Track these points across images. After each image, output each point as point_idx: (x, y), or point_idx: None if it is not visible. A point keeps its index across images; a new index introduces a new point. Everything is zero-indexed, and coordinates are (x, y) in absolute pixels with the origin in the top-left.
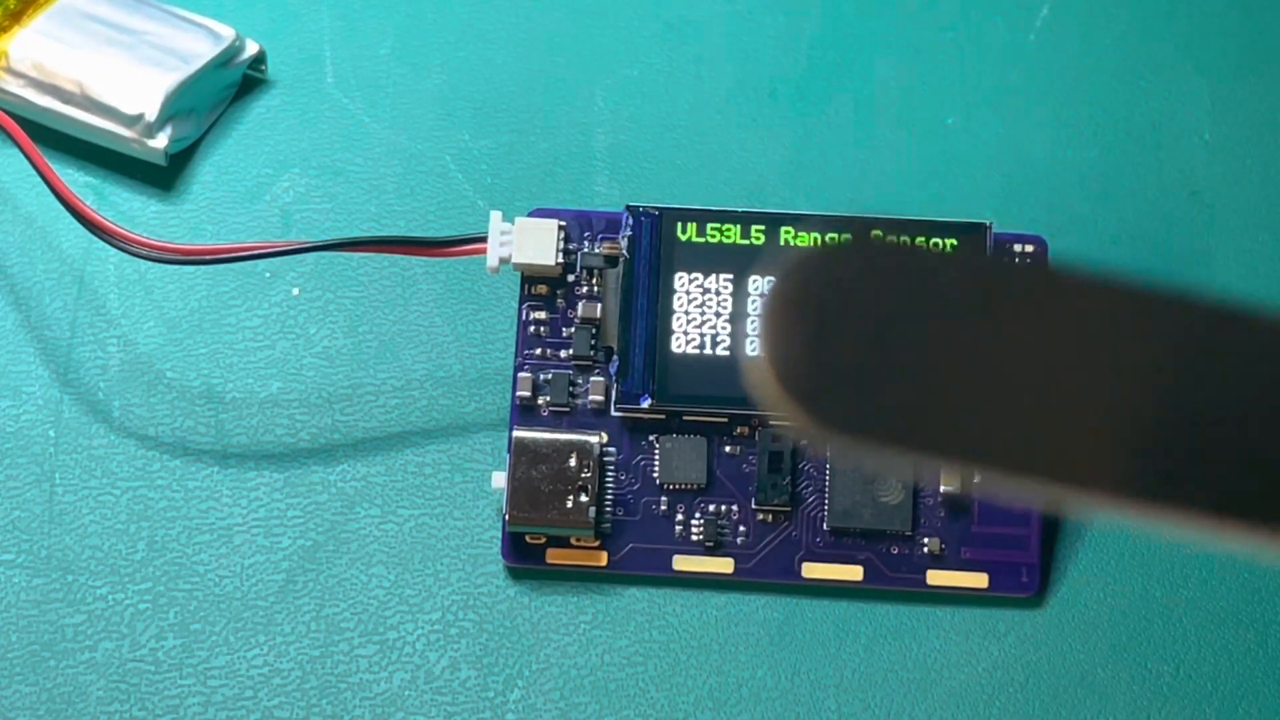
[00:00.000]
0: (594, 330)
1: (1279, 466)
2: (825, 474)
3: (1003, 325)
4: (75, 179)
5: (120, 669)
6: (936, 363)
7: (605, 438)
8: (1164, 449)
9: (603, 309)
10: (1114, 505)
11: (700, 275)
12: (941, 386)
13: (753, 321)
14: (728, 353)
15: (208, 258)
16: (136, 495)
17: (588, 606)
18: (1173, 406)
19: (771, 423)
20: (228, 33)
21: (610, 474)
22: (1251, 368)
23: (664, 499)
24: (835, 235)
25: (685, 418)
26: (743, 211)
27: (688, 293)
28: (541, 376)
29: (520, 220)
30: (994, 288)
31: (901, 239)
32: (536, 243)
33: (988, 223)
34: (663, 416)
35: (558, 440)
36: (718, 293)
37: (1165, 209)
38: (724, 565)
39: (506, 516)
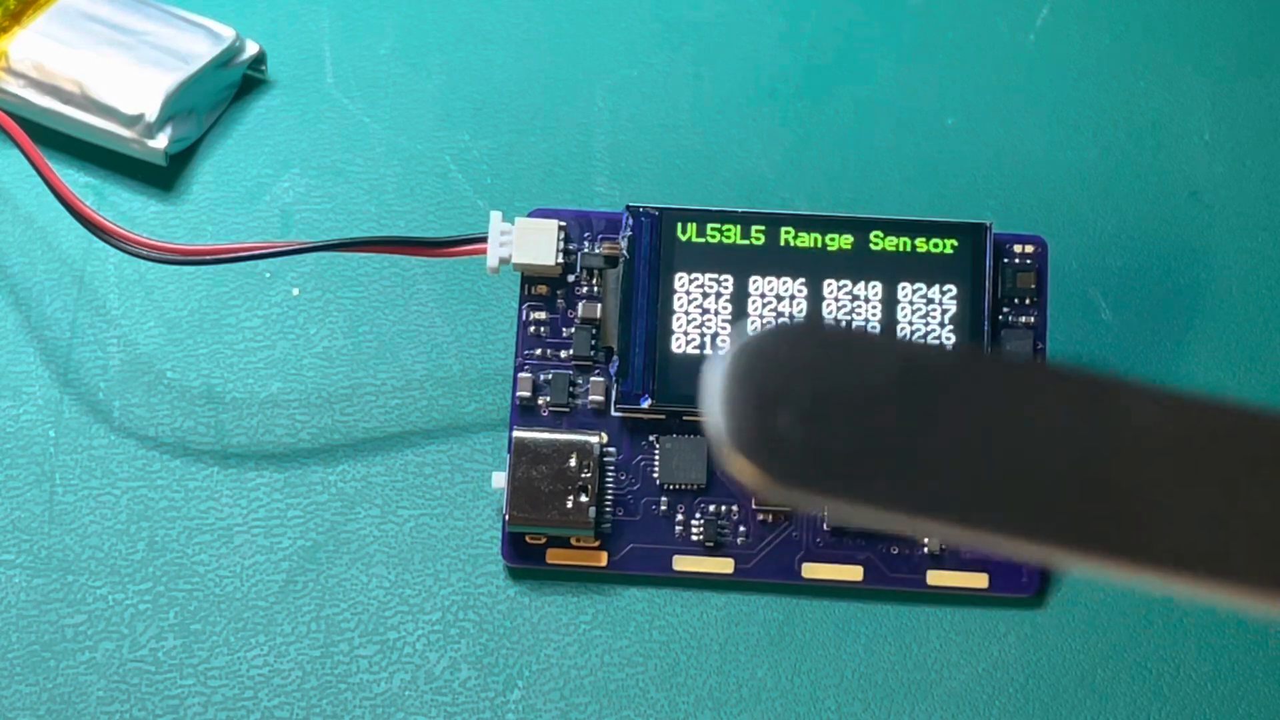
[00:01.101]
0: (594, 330)
1: (1175, 516)
2: None
3: (925, 398)
4: (75, 179)
5: (120, 669)
6: (867, 431)
7: (605, 438)
8: (1059, 501)
9: (603, 309)
10: (1024, 549)
11: (700, 275)
12: (870, 450)
13: (707, 392)
14: None
15: (208, 258)
16: (136, 495)
17: (588, 606)
18: (1073, 463)
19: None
20: (228, 33)
21: (610, 474)
22: (1150, 434)
23: (664, 499)
24: (835, 236)
25: (685, 418)
26: (743, 211)
27: (688, 293)
28: (541, 376)
29: (520, 220)
30: (917, 368)
31: (844, 322)
32: (536, 243)
33: (988, 223)
34: (663, 416)
35: (558, 440)
36: (718, 293)
37: (1165, 209)
38: (724, 565)
39: (506, 516)
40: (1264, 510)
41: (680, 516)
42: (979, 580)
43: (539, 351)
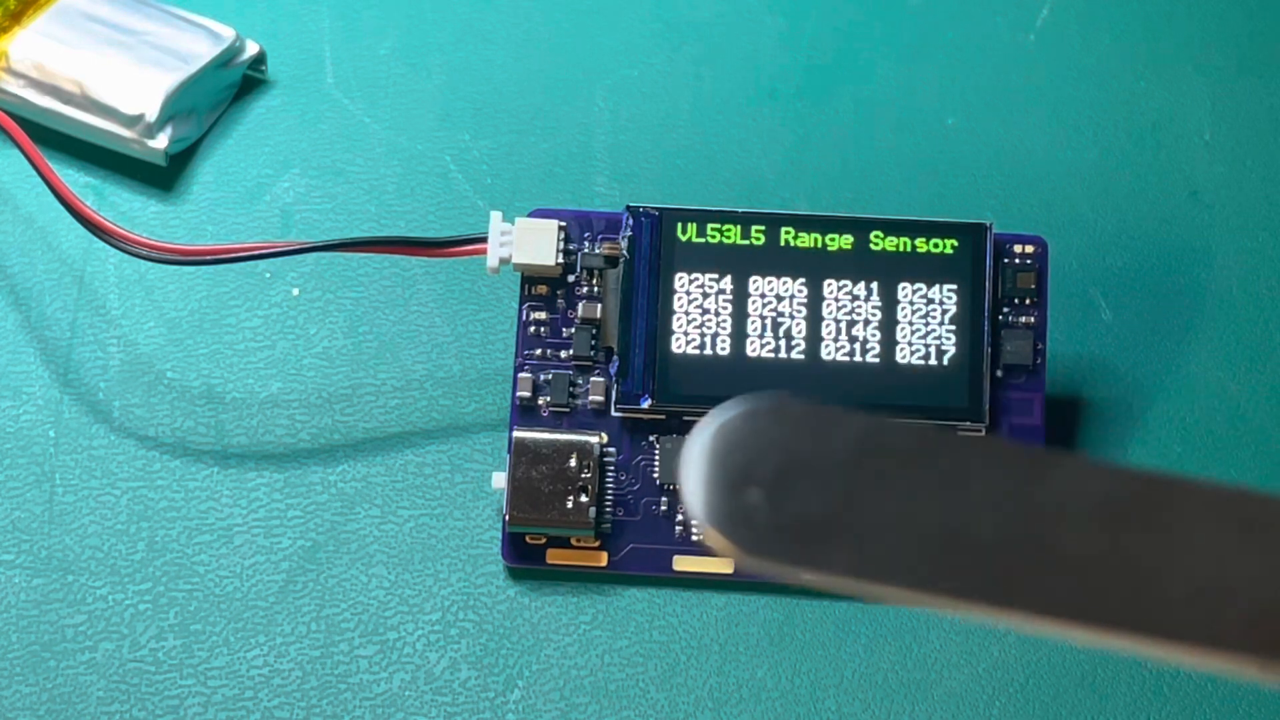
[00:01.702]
0: (594, 330)
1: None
2: None
3: (880, 471)
4: (75, 179)
5: (120, 669)
6: (826, 503)
7: (605, 438)
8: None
9: (603, 309)
10: (974, 613)
11: (700, 275)
12: (835, 519)
13: (683, 469)
14: (727, 353)
15: (208, 258)
16: (136, 495)
17: (588, 606)
18: (1015, 530)
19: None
20: (228, 33)
21: (610, 474)
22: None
23: (664, 499)
24: (835, 236)
25: (685, 418)
26: (743, 211)
27: (688, 293)
28: (541, 377)
29: (520, 220)
30: (873, 441)
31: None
32: (536, 243)
33: (988, 223)
34: (663, 416)
35: (558, 440)
36: (718, 293)
37: (1165, 209)
38: (724, 565)
39: (506, 517)
40: (1190, 565)
41: (680, 516)
42: None
43: (539, 351)
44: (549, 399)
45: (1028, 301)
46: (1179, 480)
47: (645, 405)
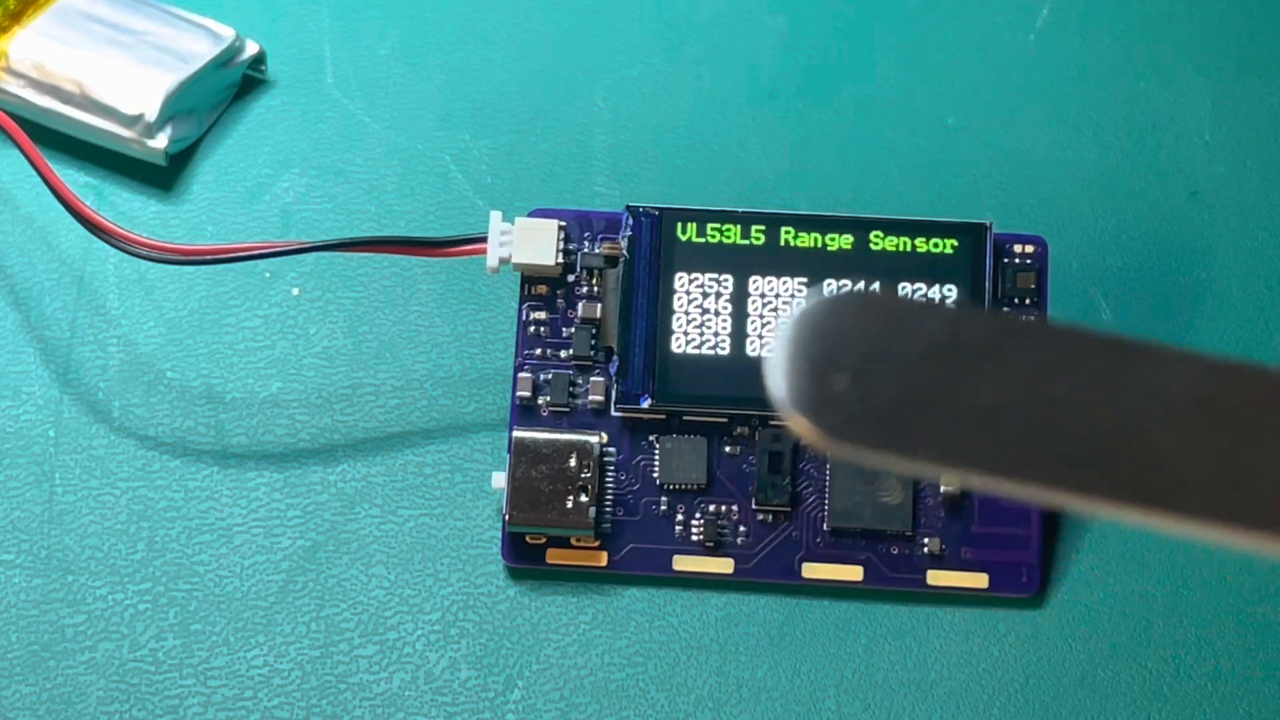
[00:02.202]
0: (594, 330)
1: (1187, 465)
2: (825, 474)
3: (967, 360)
4: (75, 179)
5: (120, 669)
6: (913, 390)
7: (605, 438)
8: (1098, 455)
9: (603, 309)
10: (1056, 499)
11: (700, 275)
12: (921, 405)
13: (770, 359)
14: (727, 352)
15: (208, 258)
16: (136, 495)
17: (588, 606)
18: (1102, 418)
19: (773, 423)
20: (228, 33)
21: (610, 474)
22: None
23: (664, 499)
24: (835, 236)
25: (685, 418)
26: (743, 211)
27: (687, 293)
28: (541, 376)
29: (520, 220)
30: (960, 331)
31: (899, 289)
32: (536, 243)
33: (988, 223)
34: (663, 416)
35: (558, 440)
36: (718, 293)
37: (1165, 209)
38: (724, 565)
39: (506, 517)
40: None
41: (680, 516)
42: (979, 580)
43: (539, 351)
44: (549, 399)
45: (1028, 301)
46: (1264, 370)
47: (645, 405)
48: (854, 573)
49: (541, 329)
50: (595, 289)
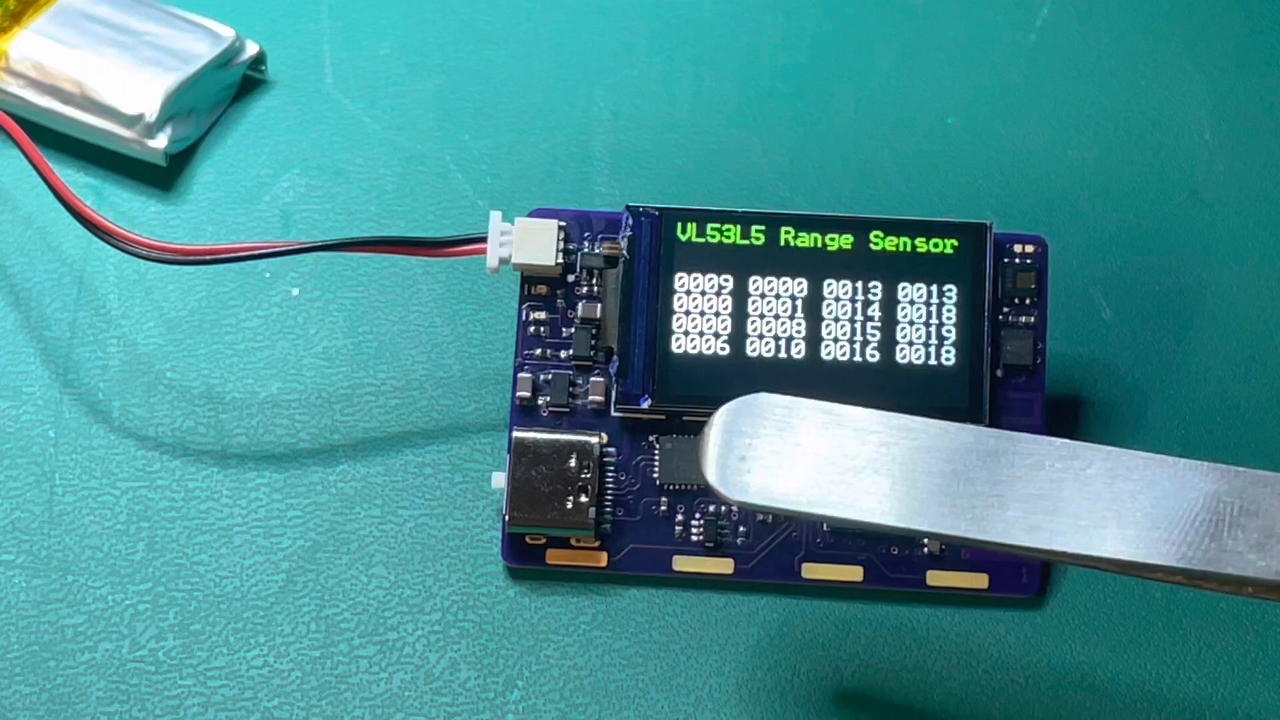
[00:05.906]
0: (594, 330)
1: None
2: None
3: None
4: (75, 179)
5: (120, 669)
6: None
7: (605, 438)
8: None
9: (603, 309)
10: None
11: (700, 275)
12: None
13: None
14: (727, 353)
15: (208, 258)
16: (136, 495)
17: (588, 607)
18: None
19: None
20: (228, 33)
21: (610, 474)
22: None
23: (664, 499)
24: (835, 236)
25: (685, 418)
26: (743, 212)
27: (688, 293)
28: (541, 377)
29: (520, 220)
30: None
31: None
32: (536, 243)
33: (988, 223)
34: (663, 416)
35: (558, 441)
36: (718, 293)
37: (1165, 209)
38: (724, 565)
39: (506, 517)
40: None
41: (680, 517)
42: (979, 580)
43: (539, 351)
44: (549, 399)
45: (1028, 301)
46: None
47: (645, 405)
48: (854, 573)
49: (541, 329)
50: (595, 289)
